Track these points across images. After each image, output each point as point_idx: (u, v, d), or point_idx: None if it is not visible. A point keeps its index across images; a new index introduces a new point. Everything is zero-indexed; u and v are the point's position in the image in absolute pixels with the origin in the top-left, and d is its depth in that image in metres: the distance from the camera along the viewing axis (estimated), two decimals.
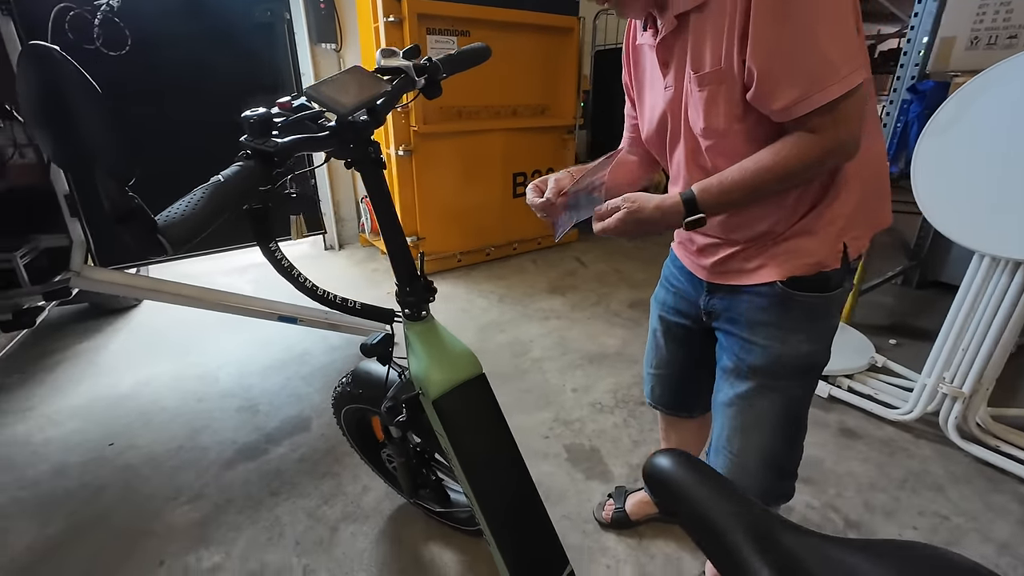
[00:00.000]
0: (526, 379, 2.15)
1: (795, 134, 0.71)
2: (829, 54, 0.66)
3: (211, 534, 1.40)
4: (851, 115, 0.70)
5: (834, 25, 0.66)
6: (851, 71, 0.67)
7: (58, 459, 1.68)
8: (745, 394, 0.92)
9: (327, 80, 0.65)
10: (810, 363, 0.90)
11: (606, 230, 0.77)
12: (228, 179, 0.51)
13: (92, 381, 2.11)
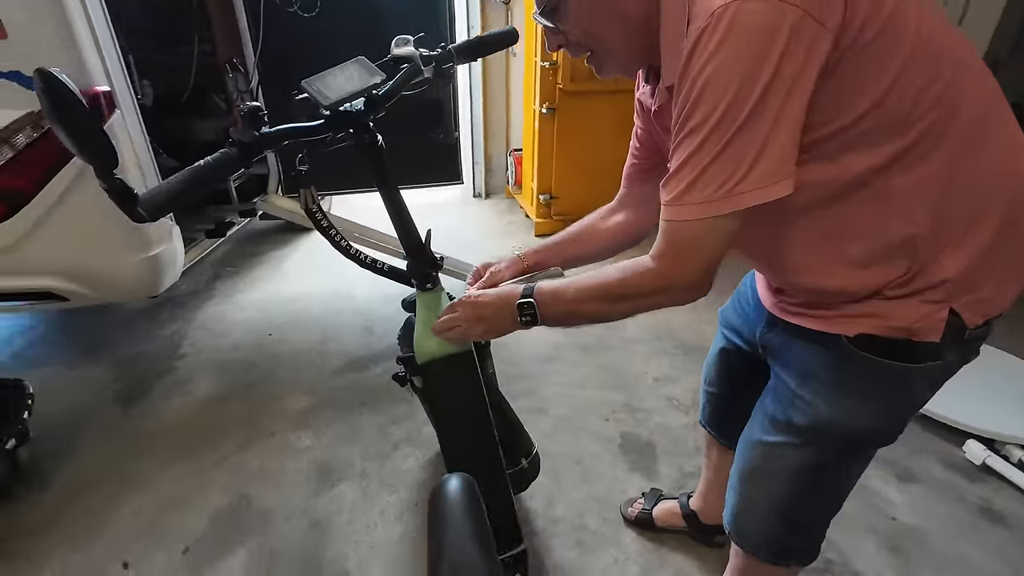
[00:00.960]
0: (608, 356, 2.12)
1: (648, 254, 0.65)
2: (682, 171, 0.59)
3: (310, 422, 1.76)
4: (690, 248, 0.62)
5: (711, 137, 0.56)
6: (711, 196, 0.57)
7: (237, 337, 2.24)
8: (775, 445, 0.81)
9: (328, 72, 0.73)
10: (864, 440, 0.75)
11: (443, 327, 0.84)
12: (207, 164, 0.64)
13: (271, 282, 2.71)
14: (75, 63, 1.35)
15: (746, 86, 0.52)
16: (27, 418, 1.52)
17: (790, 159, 0.56)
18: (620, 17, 0.64)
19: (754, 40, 0.51)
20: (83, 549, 1.33)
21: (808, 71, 0.52)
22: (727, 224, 0.59)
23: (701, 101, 0.55)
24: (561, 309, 0.75)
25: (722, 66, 0.53)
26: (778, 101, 0.53)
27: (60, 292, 1.52)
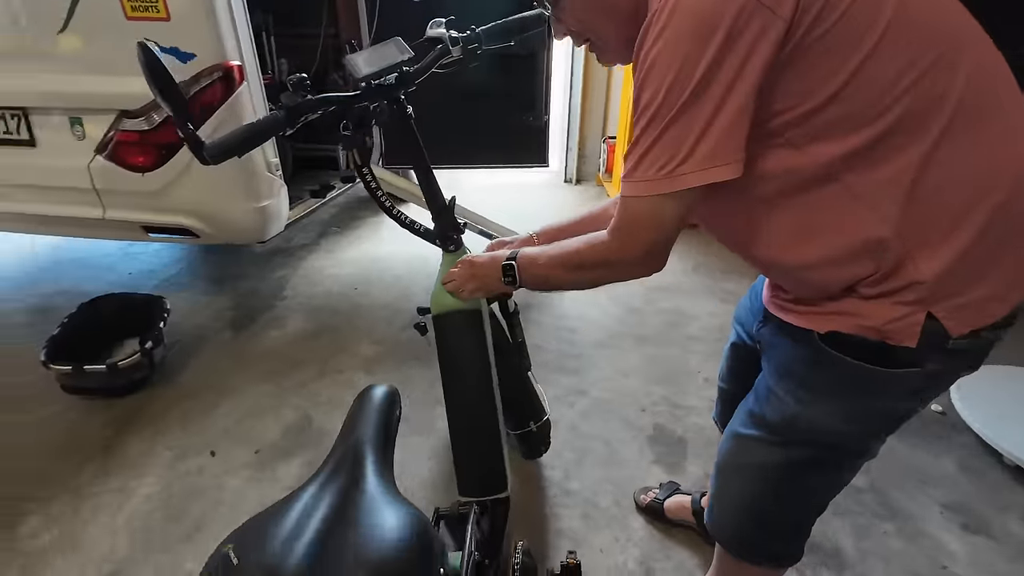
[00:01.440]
0: (663, 349, 2.08)
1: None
2: (633, 149, 0.60)
3: (373, 368, 1.98)
4: (635, 226, 0.64)
5: (655, 118, 0.57)
6: (654, 175, 0.58)
7: (329, 287, 2.56)
8: (747, 439, 0.81)
9: (370, 48, 0.84)
10: (833, 443, 0.73)
11: (447, 279, 0.93)
12: (258, 123, 0.79)
13: (366, 243, 3.02)
14: (216, 42, 1.64)
15: (687, 68, 0.53)
16: (163, 327, 1.91)
17: (735, 144, 0.56)
18: (610, 8, 0.67)
19: (697, 23, 0.52)
20: (187, 434, 1.66)
21: (757, 57, 0.52)
22: (671, 204, 0.60)
23: (647, 82, 0.57)
24: (534, 273, 0.81)
25: (665, 47, 0.54)
26: (722, 85, 0.53)
27: (193, 229, 1.87)
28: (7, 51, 1.75)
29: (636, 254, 0.66)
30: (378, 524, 0.42)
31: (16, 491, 1.46)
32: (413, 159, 0.96)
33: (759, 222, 0.65)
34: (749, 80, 0.53)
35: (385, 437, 0.57)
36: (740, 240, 0.72)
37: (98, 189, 1.82)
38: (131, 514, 1.40)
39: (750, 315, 0.94)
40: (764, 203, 0.64)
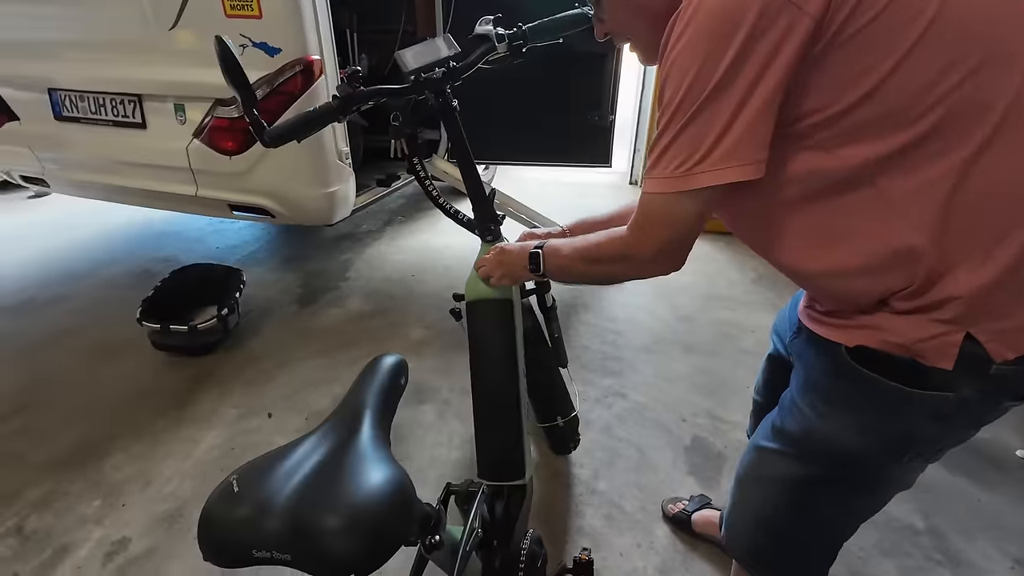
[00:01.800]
0: (714, 361, 2.01)
1: None
2: (655, 146, 0.60)
3: (421, 349, 2.07)
4: (651, 223, 0.64)
5: (676, 116, 0.57)
6: (671, 173, 0.58)
7: (389, 272, 2.69)
8: (767, 451, 0.79)
9: (421, 43, 0.89)
10: (853, 463, 0.69)
11: (478, 265, 0.97)
12: (314, 111, 0.85)
13: (427, 234, 3.13)
14: (299, 38, 1.78)
15: (708, 65, 0.53)
16: (238, 297, 2.10)
17: (756, 144, 0.55)
18: (645, 8, 0.67)
19: (720, 20, 0.52)
20: (250, 396, 1.82)
21: (782, 55, 0.51)
22: (688, 203, 0.60)
23: (670, 79, 0.57)
24: (556, 263, 0.83)
25: (688, 45, 0.54)
26: (743, 84, 0.52)
27: (270, 210, 2.04)
28: (130, 45, 1.99)
29: (650, 251, 0.65)
30: (362, 474, 0.46)
31: (108, 430, 1.67)
32: (456, 151, 1.01)
33: (782, 225, 0.63)
34: (773, 79, 0.52)
35: (385, 401, 0.61)
36: (763, 244, 0.70)
37: (193, 169, 2.03)
38: (196, 461, 1.56)
39: (786, 326, 0.91)
40: (788, 206, 0.62)
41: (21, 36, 2.08)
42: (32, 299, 2.41)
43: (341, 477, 0.45)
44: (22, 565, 1.27)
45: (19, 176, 2.47)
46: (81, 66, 2.05)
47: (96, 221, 3.16)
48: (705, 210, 0.61)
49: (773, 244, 0.66)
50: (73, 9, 1.97)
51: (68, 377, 1.91)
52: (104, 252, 2.86)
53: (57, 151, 2.25)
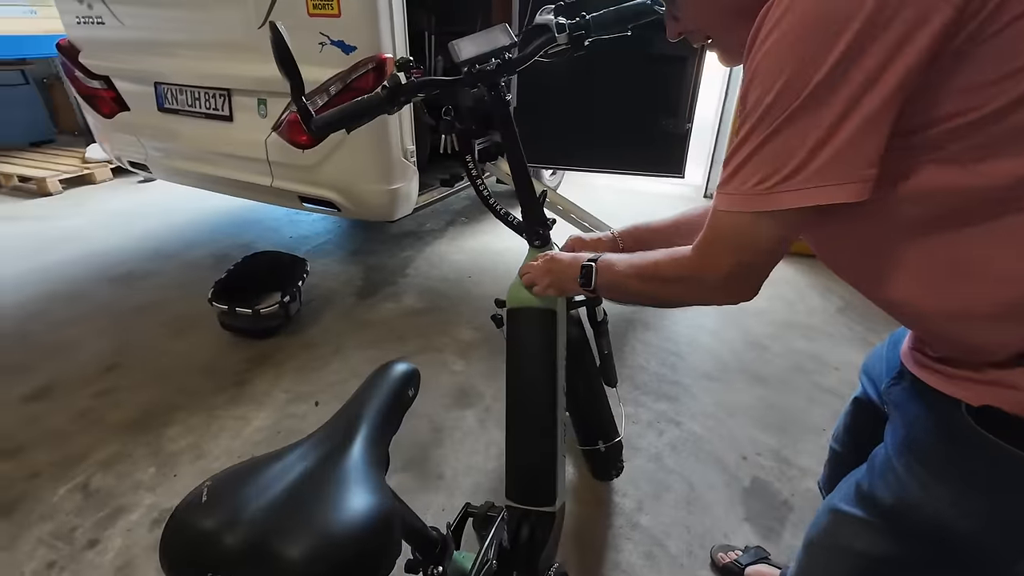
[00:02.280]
0: (784, 396, 1.81)
1: None
2: (732, 158, 0.51)
3: (468, 352, 2.04)
4: (721, 244, 0.56)
5: (760, 124, 0.48)
6: (750, 190, 0.49)
7: (446, 271, 2.69)
8: (848, 518, 0.67)
9: (475, 34, 0.84)
10: (957, 547, 0.57)
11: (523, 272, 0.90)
12: (360, 102, 0.83)
13: (488, 236, 3.12)
14: (374, 37, 1.81)
15: (807, 65, 0.44)
16: (301, 286, 2.18)
17: (862, 160, 0.45)
18: (724, 2, 0.59)
19: (825, 10, 0.43)
20: (301, 382, 1.87)
21: (907, 54, 0.41)
22: (767, 225, 0.51)
23: (756, 80, 0.49)
24: (609, 278, 0.75)
25: (782, 39, 0.45)
26: (852, 87, 0.43)
27: (336, 203, 2.10)
28: (226, 44, 2.13)
29: (717, 276, 0.57)
30: (341, 498, 0.41)
31: (172, 399, 1.77)
32: (507, 148, 0.95)
33: (896, 255, 0.52)
34: (890, 83, 0.42)
35: (386, 415, 0.56)
36: (867, 276, 0.58)
37: (270, 161, 2.13)
38: (244, 440, 1.61)
39: (883, 367, 0.78)
40: (902, 232, 0.51)
41: (139, 36, 2.29)
42: (131, 272, 2.64)
43: (317, 499, 0.41)
44: (82, 520, 1.36)
45: (127, 161, 2.72)
46: (184, 62, 2.21)
47: (190, 206, 3.43)
48: (789, 235, 0.52)
49: (880, 277, 0.55)
50: (186, 12, 2.13)
51: (150, 344, 2.06)
52: (193, 235, 3.09)
53: (158, 140, 2.45)
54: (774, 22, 0.46)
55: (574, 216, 2.57)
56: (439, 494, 1.45)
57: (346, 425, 0.51)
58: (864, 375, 0.87)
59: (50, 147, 4.33)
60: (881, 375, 0.77)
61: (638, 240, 0.99)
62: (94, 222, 3.24)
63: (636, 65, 2.34)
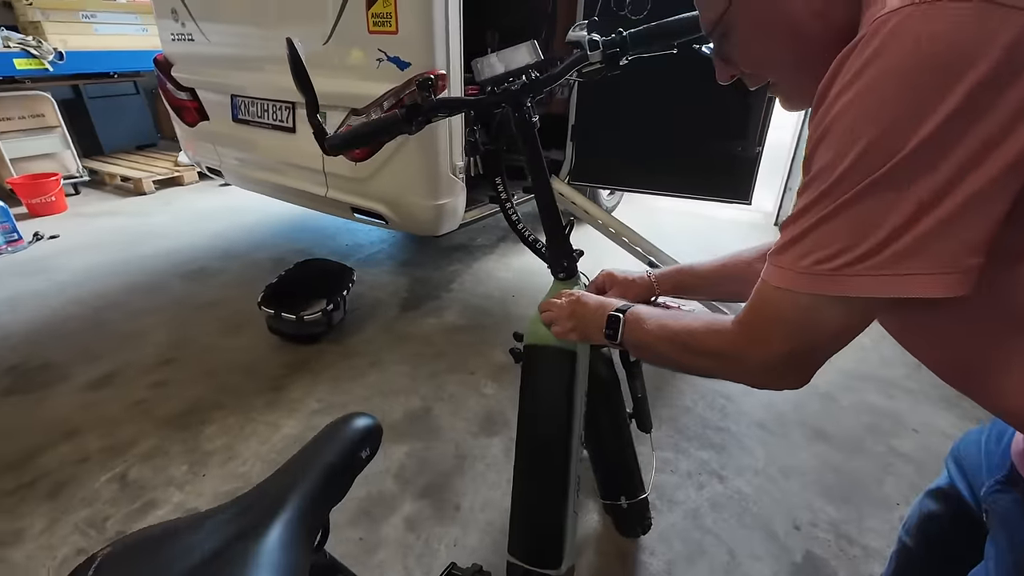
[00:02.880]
0: (853, 459, 1.59)
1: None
2: (791, 225, 0.45)
3: (501, 376, 1.97)
4: (769, 325, 0.48)
5: (832, 190, 0.41)
6: (808, 268, 0.43)
7: (491, 289, 2.65)
8: None
9: (501, 51, 0.78)
10: None
11: (543, 308, 0.83)
12: (379, 120, 0.79)
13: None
14: (428, 53, 1.82)
15: (900, 126, 0.36)
16: (345, 295, 2.21)
17: (964, 246, 0.37)
18: (791, 37, 0.50)
19: (933, 59, 0.35)
20: (335, 392, 1.88)
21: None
22: (832, 311, 0.44)
23: (827, 140, 0.41)
24: (638, 337, 0.67)
25: (867, 93, 0.38)
26: (959, 156, 0.35)
27: (384, 215, 2.12)
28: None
29: (764, 361, 0.50)
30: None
31: (215, 398, 1.84)
32: (532, 171, 0.88)
33: (1004, 354, 0.43)
34: (1010, 152, 0.34)
35: (329, 479, 0.49)
36: (965, 374, 0.49)
37: (326, 172, 2.19)
38: (271, 447, 1.63)
39: (982, 461, 0.64)
40: (1011, 329, 0.42)
41: (221, 51, 2.45)
42: (202, 269, 2.82)
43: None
44: (116, 510, 1.41)
45: (206, 167, 2.92)
46: (256, 76, 2.34)
47: (260, 210, 3.63)
48: (857, 324, 0.45)
49: (983, 378, 0.46)
50: (262, 29, 2.25)
51: (205, 340, 2.17)
52: (259, 237, 3.26)
53: (231, 148, 2.60)
54: (856, 71, 0.38)
55: (627, 240, 2.45)
56: (454, 526, 1.38)
57: (276, 492, 0.45)
58: (953, 463, 0.72)
59: (152, 151, 4.78)
60: (979, 471, 0.63)
61: (679, 286, 0.89)
62: (177, 220, 3.51)
63: (703, 82, 2.21)
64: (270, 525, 0.40)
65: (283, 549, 0.39)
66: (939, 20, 0.34)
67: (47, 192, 3.45)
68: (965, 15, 0.33)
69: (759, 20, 0.52)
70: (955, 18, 0.34)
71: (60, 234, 3.21)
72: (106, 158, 4.44)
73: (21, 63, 3.49)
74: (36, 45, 3.53)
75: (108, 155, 4.52)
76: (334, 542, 1.33)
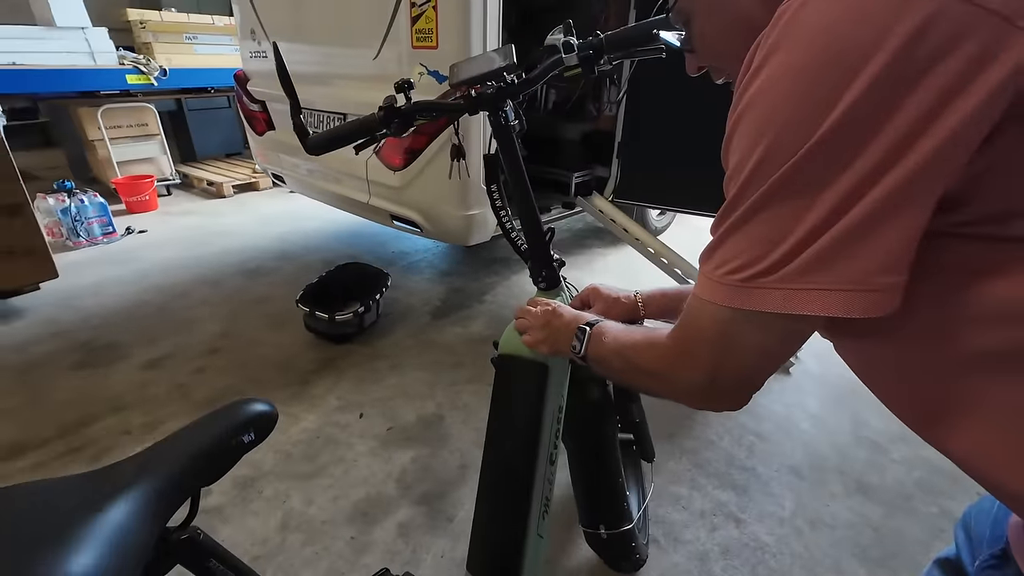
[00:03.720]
0: (899, 519, 1.41)
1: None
2: (713, 229, 0.42)
3: None
4: (695, 339, 0.44)
5: (743, 191, 0.37)
6: (722, 277, 0.39)
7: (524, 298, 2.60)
8: None
9: (477, 56, 0.78)
10: None
11: (518, 314, 0.81)
12: (356, 122, 0.80)
13: (575, 270, 3.00)
14: None
15: (800, 121, 0.33)
16: (379, 299, 2.28)
17: (878, 261, 0.33)
18: (738, 28, 0.47)
19: (821, 57, 0.32)
20: (355, 392, 1.93)
21: (958, 108, 0.29)
22: (748, 327, 0.40)
23: (734, 139, 0.38)
24: (598, 351, 0.64)
25: (768, 86, 0.35)
26: (858, 164, 0.31)
27: (419, 224, 2.17)
28: (346, 73, 2.36)
29: (690, 380, 0.46)
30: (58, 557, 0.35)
31: (246, 388, 1.95)
32: (512, 177, 0.86)
33: (951, 397, 0.38)
34: (923, 154, 0.30)
35: (193, 464, 0.49)
36: (921, 420, 0.43)
37: (369, 180, 2.29)
38: (287, 438, 1.70)
39: (986, 530, 0.55)
40: (964, 366, 0.36)
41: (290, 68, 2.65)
42: (259, 267, 3.02)
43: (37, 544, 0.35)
44: None
45: (271, 173, 3.15)
46: (316, 89, 2.50)
47: (321, 217, 3.85)
48: (777, 344, 0.41)
49: (932, 423, 0.40)
50: (326, 48, 2.41)
51: (249, 334, 2.31)
52: (315, 241, 3.45)
53: (291, 156, 2.79)
54: (757, 65, 0.36)
55: (666, 262, 2.35)
56: (444, 538, 1.36)
57: (134, 466, 0.46)
58: (962, 530, 0.63)
59: (237, 158, 5.23)
60: (982, 541, 0.55)
61: (665, 309, 0.85)
62: (248, 221, 3.80)
63: None
64: (115, 498, 0.40)
65: (123, 521, 0.39)
66: (836, 7, 0.30)
67: (142, 192, 3.87)
68: (865, 2, 0.29)
69: (711, 8, 0.49)
70: (854, 6, 0.30)
71: (148, 229, 3.58)
72: (197, 164, 4.92)
73: (132, 78, 3.97)
74: (145, 63, 4.00)
75: (200, 161, 5.01)
76: (328, 537, 1.35)
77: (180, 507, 0.49)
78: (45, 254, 2.43)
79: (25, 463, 1.57)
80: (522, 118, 0.84)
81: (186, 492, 0.49)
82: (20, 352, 2.14)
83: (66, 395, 1.89)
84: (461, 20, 1.82)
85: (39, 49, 3.72)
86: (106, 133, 3.91)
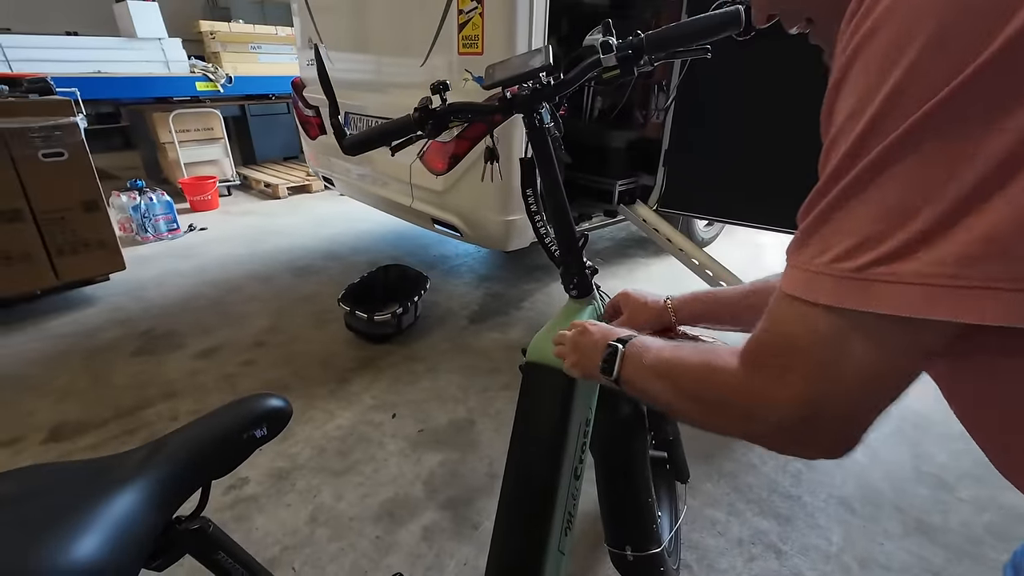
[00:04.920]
0: (963, 567, 1.28)
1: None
2: (806, 214, 0.32)
3: None
4: (790, 356, 0.33)
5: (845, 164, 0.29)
6: (825, 267, 0.30)
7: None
8: None
9: (513, 57, 0.76)
10: None
11: (556, 341, 0.73)
12: (391, 123, 0.81)
13: (616, 280, 2.94)
14: None
15: (958, 33, 0.25)
16: (417, 301, 2.31)
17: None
18: None
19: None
20: (390, 392, 1.95)
21: None
22: (859, 338, 0.30)
23: (850, 78, 0.30)
24: (636, 373, 0.54)
25: (895, 22, 0.27)
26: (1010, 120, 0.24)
27: (459, 228, 2.19)
28: (394, 81, 2.42)
29: (779, 411, 0.34)
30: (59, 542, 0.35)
31: (288, 381, 2.01)
32: (544, 183, 0.84)
33: None
34: None
35: (203, 456, 0.49)
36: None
37: (412, 184, 2.33)
38: (323, 434, 1.73)
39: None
40: None
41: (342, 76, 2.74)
42: (308, 266, 3.14)
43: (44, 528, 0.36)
44: None
45: (322, 176, 3.27)
46: (364, 96, 2.58)
47: (369, 220, 3.96)
48: (900, 360, 0.31)
49: None
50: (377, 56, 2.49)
51: (295, 330, 2.39)
52: (363, 243, 3.55)
53: (340, 160, 2.89)
54: (865, 11, 0.29)
55: (711, 274, 2.26)
56: (468, 545, 1.34)
57: (144, 455, 0.46)
58: (1012, 570, 0.56)
59: (294, 162, 5.47)
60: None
61: (696, 314, 0.79)
62: (300, 222, 3.96)
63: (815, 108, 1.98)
64: (122, 485, 0.41)
65: (128, 508, 0.40)
66: None
67: (205, 192, 4.11)
68: None
69: None
70: None
71: (208, 227, 3.79)
72: (257, 166, 5.18)
73: (200, 85, 4.24)
74: (213, 71, 4.26)
75: (259, 164, 5.27)
76: (354, 535, 1.36)
77: (190, 497, 0.50)
78: (115, 247, 2.61)
79: (85, 442, 1.68)
80: (558, 121, 0.83)
81: (195, 483, 0.50)
82: (90, 338, 2.30)
83: (125, 379, 2.01)
84: (506, 26, 1.82)
85: (121, 58, 4.03)
86: (176, 136, 4.19)
